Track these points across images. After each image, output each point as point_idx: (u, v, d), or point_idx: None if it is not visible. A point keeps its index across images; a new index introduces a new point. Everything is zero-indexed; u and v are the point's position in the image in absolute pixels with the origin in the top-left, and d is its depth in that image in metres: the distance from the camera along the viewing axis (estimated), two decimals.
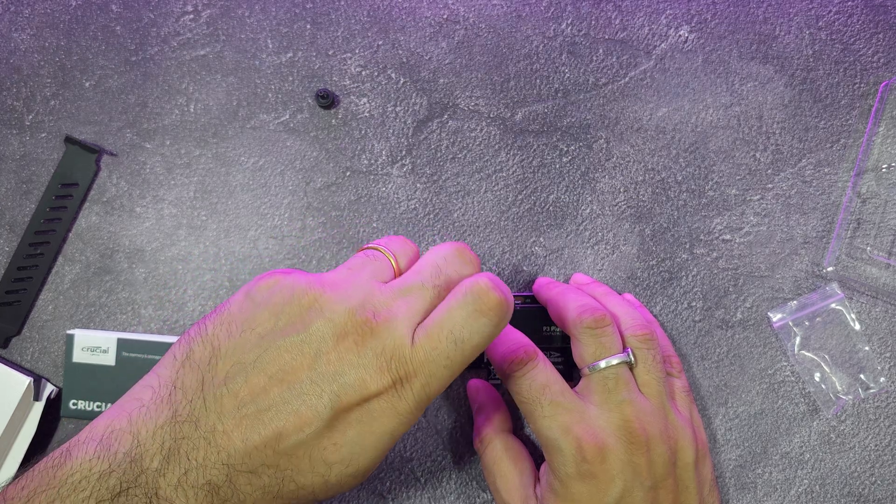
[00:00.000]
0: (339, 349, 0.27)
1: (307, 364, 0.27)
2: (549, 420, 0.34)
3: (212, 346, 0.27)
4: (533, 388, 0.35)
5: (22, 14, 0.46)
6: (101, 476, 0.25)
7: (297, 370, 0.26)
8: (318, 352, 0.27)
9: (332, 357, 0.27)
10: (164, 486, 0.25)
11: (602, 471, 0.33)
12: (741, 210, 0.44)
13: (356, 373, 0.27)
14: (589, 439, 0.33)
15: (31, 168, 0.45)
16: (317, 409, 0.26)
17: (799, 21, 0.45)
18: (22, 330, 0.44)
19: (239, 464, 0.25)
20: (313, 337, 0.27)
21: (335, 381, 0.26)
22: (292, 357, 0.27)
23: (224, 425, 0.26)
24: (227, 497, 0.25)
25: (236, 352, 0.27)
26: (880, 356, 0.43)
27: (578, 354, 0.37)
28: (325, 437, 0.26)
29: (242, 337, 0.27)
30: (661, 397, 0.36)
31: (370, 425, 0.27)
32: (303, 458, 0.26)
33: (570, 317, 0.37)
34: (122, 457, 0.25)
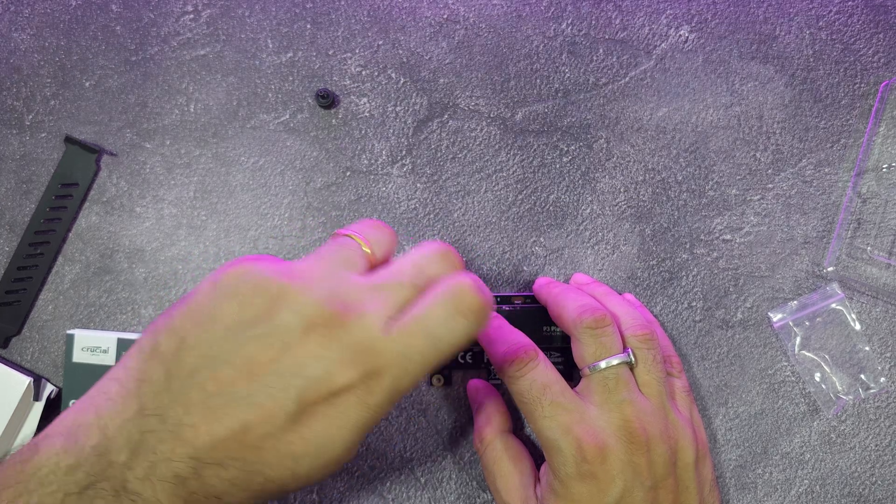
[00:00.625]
0: (306, 342, 0.26)
1: (274, 356, 0.26)
2: (550, 420, 0.34)
3: (178, 338, 0.27)
4: (533, 389, 0.35)
5: (22, 14, 0.46)
6: (69, 470, 0.25)
7: (263, 363, 0.26)
8: (285, 344, 0.26)
9: (298, 350, 0.26)
10: (131, 479, 0.25)
11: (602, 471, 0.33)
12: (741, 210, 0.44)
13: (323, 366, 0.26)
14: (589, 440, 0.33)
15: (31, 168, 0.45)
16: (282, 403, 0.26)
17: (799, 21, 0.45)
18: (22, 330, 0.44)
19: (206, 456, 0.25)
20: (280, 329, 0.26)
21: (301, 375, 0.26)
22: (259, 349, 0.26)
23: (191, 418, 0.25)
24: (194, 489, 0.25)
25: (202, 344, 0.26)
26: (881, 356, 0.43)
27: (578, 355, 0.37)
28: (292, 430, 0.26)
29: (209, 328, 0.27)
30: (662, 397, 0.36)
31: (338, 419, 0.26)
32: (270, 451, 0.26)
33: (569, 317, 0.37)
34: (89, 450, 0.25)
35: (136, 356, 0.27)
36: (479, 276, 0.44)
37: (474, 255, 0.44)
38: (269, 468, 0.26)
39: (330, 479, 0.42)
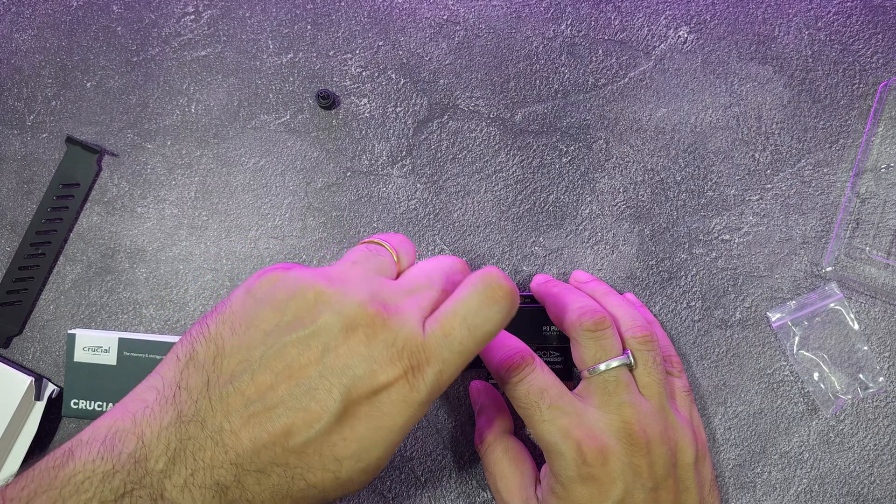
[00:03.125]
0: (349, 342, 0.26)
1: (315, 359, 0.26)
2: (549, 424, 0.34)
3: (215, 345, 0.27)
4: (531, 393, 0.35)
5: (23, 15, 0.46)
6: (105, 477, 0.24)
7: (304, 366, 0.26)
8: (327, 346, 0.26)
9: (341, 351, 0.26)
10: (169, 487, 0.25)
11: (603, 473, 0.33)
12: (740, 210, 0.44)
13: (366, 365, 0.26)
14: (589, 442, 0.34)
15: (33, 168, 0.45)
16: (326, 404, 0.26)
17: (798, 22, 0.46)
18: (23, 330, 0.44)
19: (247, 463, 0.25)
20: (321, 331, 0.27)
21: (345, 375, 0.26)
22: (299, 352, 0.26)
23: (231, 424, 0.25)
24: (235, 498, 0.25)
25: (241, 349, 0.27)
26: (879, 356, 0.43)
27: (578, 357, 0.37)
28: (336, 432, 0.26)
29: (247, 334, 0.27)
30: (661, 398, 0.36)
31: (381, 419, 0.27)
32: (313, 455, 0.26)
33: (569, 318, 0.37)
34: (126, 457, 0.25)
35: (172, 365, 0.27)
36: None
37: (474, 255, 0.44)
38: (312, 472, 0.26)
39: None
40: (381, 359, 0.26)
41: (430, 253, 0.44)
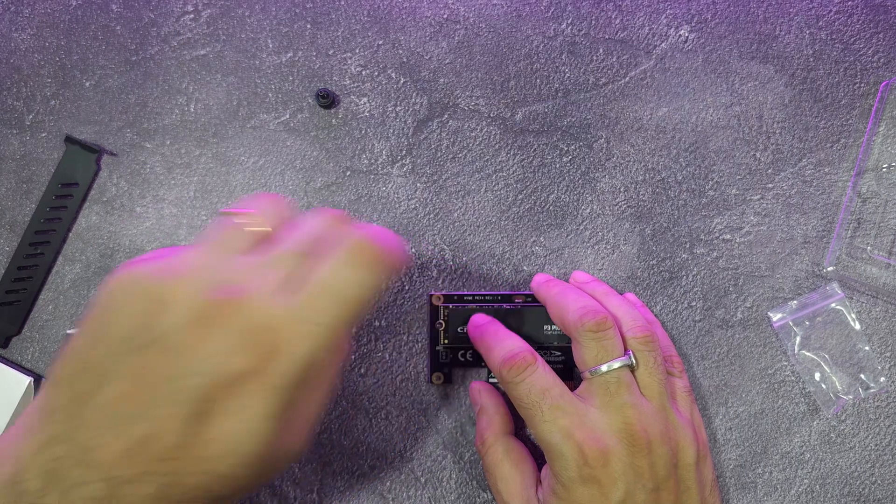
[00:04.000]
0: (197, 338, 0.25)
1: (164, 361, 0.25)
2: (550, 424, 0.34)
3: (79, 360, 0.26)
4: (532, 393, 0.35)
5: (22, 14, 0.46)
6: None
7: (155, 371, 0.25)
8: (175, 347, 0.25)
9: (189, 349, 0.25)
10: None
11: (604, 474, 0.33)
12: (741, 210, 0.44)
13: (216, 359, 0.25)
14: (591, 443, 0.33)
15: (32, 168, 0.45)
16: (177, 409, 0.25)
17: (799, 21, 0.45)
18: (22, 329, 0.44)
19: (118, 475, 0.25)
20: (167, 332, 0.26)
21: (193, 374, 0.25)
22: (148, 359, 0.25)
23: (97, 439, 0.25)
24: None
25: (99, 362, 0.26)
26: (880, 356, 0.43)
27: (579, 357, 0.37)
28: (197, 433, 0.25)
29: (102, 346, 0.26)
30: (663, 399, 0.36)
31: (243, 412, 0.25)
32: (181, 460, 0.25)
33: (570, 318, 0.37)
34: (4, 480, 0.25)
35: (46, 385, 0.27)
36: (479, 275, 0.44)
37: (474, 254, 0.44)
38: (188, 476, 0.25)
39: (329, 479, 0.42)
40: (231, 348, 0.25)
41: (429, 252, 0.44)
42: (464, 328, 0.42)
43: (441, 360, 0.42)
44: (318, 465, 0.42)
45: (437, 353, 0.42)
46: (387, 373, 0.43)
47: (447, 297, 0.43)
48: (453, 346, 0.42)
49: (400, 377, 0.43)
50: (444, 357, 0.42)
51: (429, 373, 0.43)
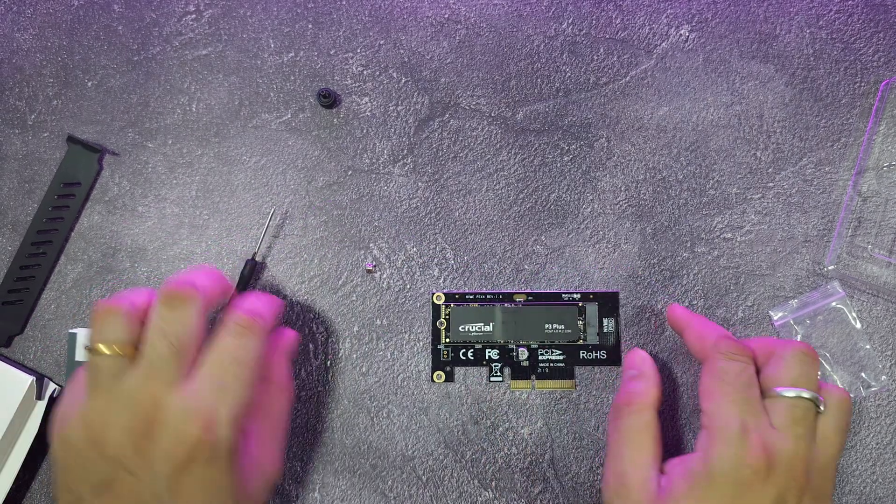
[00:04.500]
0: (141, 454, 0.32)
1: (132, 482, 0.31)
2: (738, 409, 0.34)
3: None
4: (743, 375, 0.35)
5: (24, 14, 0.46)
6: None
7: (125, 496, 0.32)
8: (130, 468, 0.32)
9: (143, 464, 0.32)
10: None
11: (756, 488, 0.32)
12: (742, 209, 0.44)
13: (163, 460, 0.31)
14: (761, 451, 0.32)
15: (34, 167, 0.45)
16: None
17: (799, 20, 0.46)
18: (24, 329, 0.44)
19: None
20: (83, 491, 0.32)
21: (157, 479, 0.31)
22: (119, 486, 0.32)
23: None
24: None
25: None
26: (881, 354, 0.43)
27: (775, 372, 0.36)
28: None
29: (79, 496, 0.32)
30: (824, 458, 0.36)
31: (203, 488, 0.32)
32: None
33: (786, 344, 0.37)
34: None
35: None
36: (481, 274, 0.44)
37: (476, 253, 0.44)
38: None
39: (331, 478, 0.42)
40: (170, 446, 0.31)
41: (430, 251, 0.44)
42: (465, 327, 0.42)
43: (442, 359, 0.43)
44: (319, 464, 0.42)
45: (438, 351, 0.43)
46: (388, 372, 0.43)
47: (448, 296, 0.43)
48: (454, 345, 0.43)
49: (401, 376, 0.43)
50: (446, 356, 0.43)
51: (430, 371, 0.43)
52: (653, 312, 0.43)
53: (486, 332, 0.43)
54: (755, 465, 0.32)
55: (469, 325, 0.43)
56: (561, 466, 0.42)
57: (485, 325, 0.43)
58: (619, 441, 0.37)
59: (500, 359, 0.43)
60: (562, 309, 0.43)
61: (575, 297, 0.43)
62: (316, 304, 0.44)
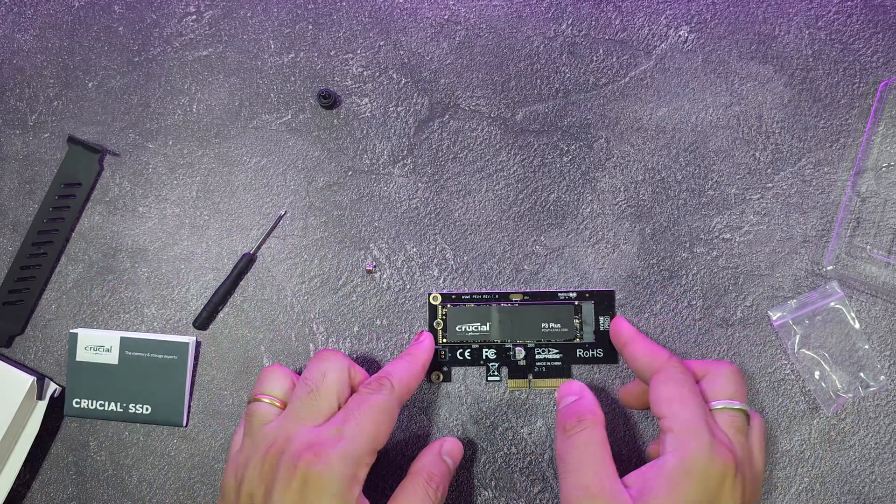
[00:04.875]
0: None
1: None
2: (699, 410, 0.35)
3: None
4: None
5: (25, 15, 0.46)
6: None
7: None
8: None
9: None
10: None
11: (723, 485, 0.33)
12: (741, 209, 0.44)
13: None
14: (727, 451, 0.34)
15: (35, 168, 0.45)
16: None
17: (798, 21, 0.46)
18: (25, 329, 0.44)
19: None
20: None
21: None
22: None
23: None
24: None
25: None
26: (880, 354, 0.43)
27: (715, 387, 0.37)
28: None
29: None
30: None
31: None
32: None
33: (720, 364, 0.38)
34: None
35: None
36: (480, 274, 0.44)
37: (475, 253, 0.44)
38: None
39: None
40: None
41: (430, 251, 0.44)
42: (461, 327, 0.42)
43: (440, 359, 0.43)
44: None
45: (435, 352, 0.43)
46: None
47: (445, 297, 0.43)
48: (451, 345, 0.43)
49: None
50: (443, 356, 0.43)
51: (428, 372, 0.43)
52: (652, 313, 0.43)
53: (483, 331, 0.43)
54: (726, 461, 0.33)
55: (466, 326, 0.43)
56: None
57: (481, 324, 0.43)
58: (577, 457, 0.36)
59: (498, 358, 0.43)
60: (558, 308, 0.43)
61: (571, 297, 0.43)
62: (316, 304, 0.44)
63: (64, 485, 0.43)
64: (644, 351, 0.39)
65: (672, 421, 0.35)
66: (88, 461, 0.43)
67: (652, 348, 0.39)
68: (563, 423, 0.37)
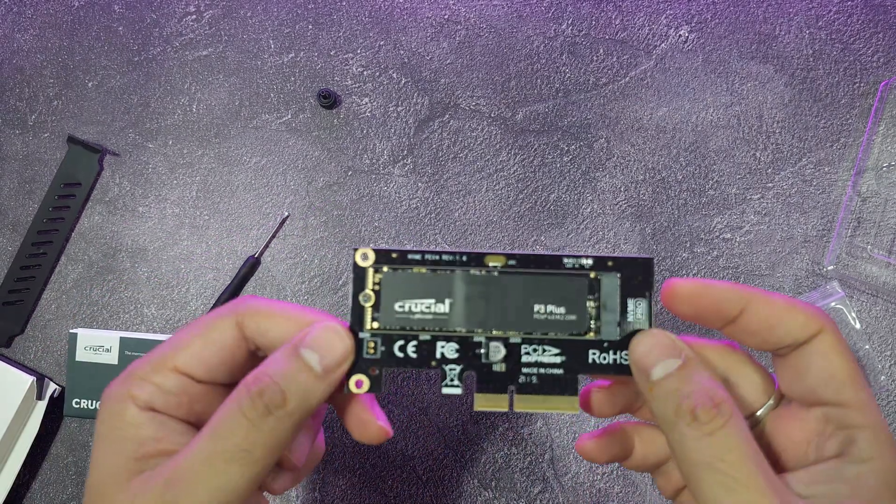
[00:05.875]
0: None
1: None
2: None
3: None
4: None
5: (25, 15, 0.46)
6: None
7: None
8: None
9: None
10: None
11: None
12: (741, 209, 0.44)
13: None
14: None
15: (34, 168, 0.45)
16: None
17: (799, 21, 0.46)
18: (25, 329, 0.44)
19: None
20: None
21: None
22: None
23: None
24: None
25: None
26: (880, 355, 0.43)
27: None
28: None
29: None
30: None
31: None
32: None
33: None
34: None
35: None
36: None
37: None
38: None
39: (332, 477, 0.42)
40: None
41: None
42: (404, 304, 0.26)
43: (367, 355, 0.25)
44: (320, 464, 0.42)
45: (361, 343, 0.25)
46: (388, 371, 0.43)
47: (380, 255, 0.25)
48: (387, 333, 0.25)
49: (401, 376, 0.43)
50: (372, 350, 0.25)
51: (344, 375, 0.25)
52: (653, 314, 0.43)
53: (439, 314, 0.26)
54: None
55: (411, 303, 0.26)
56: (560, 466, 0.42)
57: (436, 302, 0.26)
58: (731, 463, 0.25)
59: (461, 358, 0.25)
60: (562, 282, 0.26)
61: (584, 264, 0.26)
62: (316, 304, 0.44)
63: (63, 485, 0.43)
64: (774, 310, 0.24)
65: (863, 414, 0.23)
66: (88, 461, 0.43)
67: (791, 301, 0.25)
68: (691, 409, 0.22)
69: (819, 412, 0.24)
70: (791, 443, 0.25)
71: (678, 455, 0.23)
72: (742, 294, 0.25)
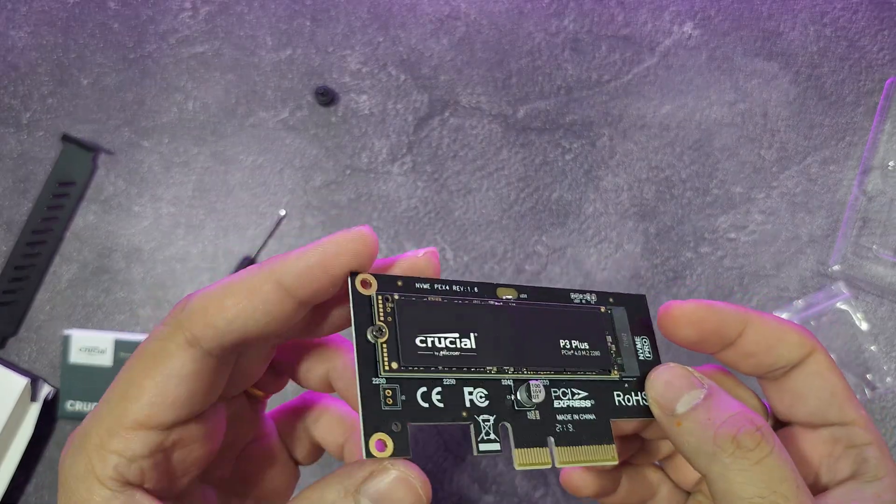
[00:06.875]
0: None
1: None
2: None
3: None
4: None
5: (19, 11, 0.45)
6: None
7: None
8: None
9: None
10: None
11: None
12: (746, 208, 0.44)
13: None
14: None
15: (28, 167, 0.44)
16: None
17: (804, 17, 0.45)
18: (19, 330, 0.43)
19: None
20: None
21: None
22: None
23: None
24: None
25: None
26: (887, 356, 0.42)
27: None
28: None
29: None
30: None
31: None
32: None
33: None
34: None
35: None
36: (480, 275, 0.43)
37: (476, 254, 0.43)
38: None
39: None
40: None
41: None
42: (427, 339, 0.20)
43: (385, 407, 0.19)
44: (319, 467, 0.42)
45: (375, 391, 0.19)
46: None
47: (383, 281, 0.20)
48: (409, 377, 0.20)
49: None
50: (391, 401, 0.19)
51: (363, 434, 0.18)
52: (655, 315, 0.43)
53: (466, 350, 0.21)
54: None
55: (434, 338, 0.20)
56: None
57: (462, 336, 0.21)
58: (783, 494, 0.22)
59: (491, 406, 0.20)
60: (579, 314, 0.23)
61: (588, 300, 0.24)
62: None
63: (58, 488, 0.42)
64: (771, 331, 0.23)
65: (867, 430, 0.23)
66: None
67: (786, 324, 0.24)
68: (732, 436, 0.21)
69: (826, 433, 0.23)
70: (802, 467, 0.23)
71: (721, 491, 0.21)
72: (741, 314, 0.24)
